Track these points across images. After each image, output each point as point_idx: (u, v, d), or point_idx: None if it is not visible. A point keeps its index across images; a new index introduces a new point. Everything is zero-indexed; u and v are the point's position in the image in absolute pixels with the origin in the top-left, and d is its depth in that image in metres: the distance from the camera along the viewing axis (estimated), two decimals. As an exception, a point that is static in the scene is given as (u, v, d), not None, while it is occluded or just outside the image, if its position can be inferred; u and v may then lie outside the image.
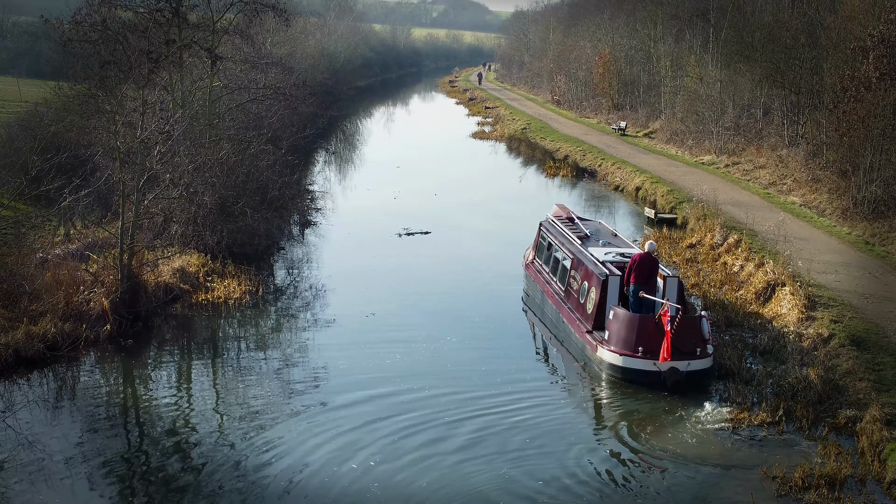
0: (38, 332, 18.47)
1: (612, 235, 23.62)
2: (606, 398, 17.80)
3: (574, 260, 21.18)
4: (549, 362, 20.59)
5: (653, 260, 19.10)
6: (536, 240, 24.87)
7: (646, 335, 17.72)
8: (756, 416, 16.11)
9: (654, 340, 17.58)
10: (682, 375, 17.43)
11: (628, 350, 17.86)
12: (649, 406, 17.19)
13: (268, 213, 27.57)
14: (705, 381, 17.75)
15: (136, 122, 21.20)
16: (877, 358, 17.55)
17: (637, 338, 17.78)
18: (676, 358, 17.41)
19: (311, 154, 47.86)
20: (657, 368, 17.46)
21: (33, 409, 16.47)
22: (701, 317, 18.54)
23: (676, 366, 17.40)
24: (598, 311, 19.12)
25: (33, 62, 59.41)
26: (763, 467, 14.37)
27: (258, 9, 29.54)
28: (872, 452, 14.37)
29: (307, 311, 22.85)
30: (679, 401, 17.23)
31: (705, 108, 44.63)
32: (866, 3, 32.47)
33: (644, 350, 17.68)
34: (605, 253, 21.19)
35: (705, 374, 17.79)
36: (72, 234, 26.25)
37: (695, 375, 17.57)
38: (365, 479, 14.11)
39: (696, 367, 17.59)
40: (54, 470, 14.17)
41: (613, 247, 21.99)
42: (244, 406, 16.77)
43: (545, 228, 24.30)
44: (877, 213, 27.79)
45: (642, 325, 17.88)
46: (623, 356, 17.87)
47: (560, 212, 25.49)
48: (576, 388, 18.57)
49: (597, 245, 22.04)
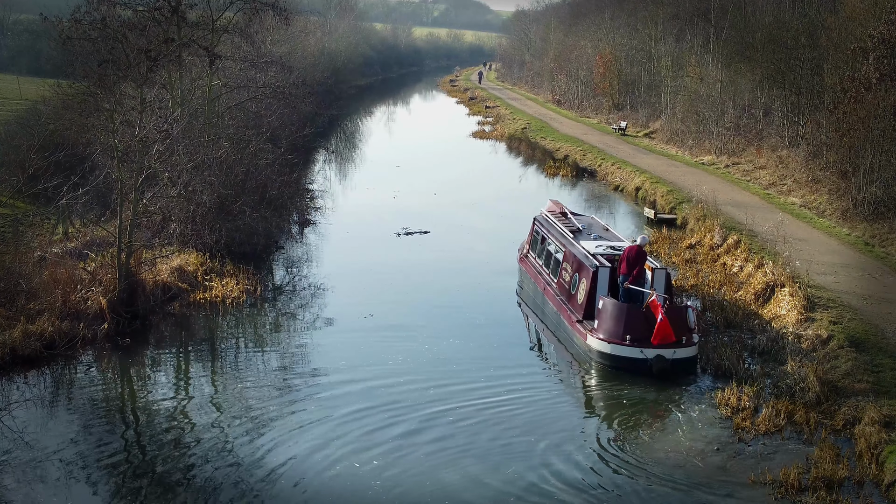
0: (36, 330, 18.43)
1: (604, 230, 24.25)
2: (596, 386, 18.43)
3: (566, 253, 21.79)
4: (541, 351, 21.14)
5: (643, 252, 19.81)
6: (530, 234, 25.41)
7: (633, 324, 18.45)
8: (753, 417, 16.05)
9: (641, 329, 18.33)
10: (667, 363, 18.03)
11: (616, 338, 18.51)
12: (643, 401, 17.35)
13: (267, 212, 27.54)
14: (690, 368, 18.42)
15: (134, 121, 21.15)
16: (876, 360, 17.51)
17: (625, 326, 18.48)
18: (662, 346, 18.07)
19: (311, 153, 47.79)
20: (644, 356, 18.11)
21: (30, 407, 16.44)
22: (686, 307, 19.36)
23: (663, 353, 18.02)
24: (588, 301, 19.77)
25: (33, 60, 59.26)
26: (760, 469, 14.32)
27: (258, 7, 29.49)
28: (870, 455, 14.32)
29: (305, 310, 22.81)
30: (675, 402, 17.23)
31: (706, 109, 44.56)
32: (867, 4, 32.42)
33: (632, 338, 18.32)
34: (595, 246, 21.75)
35: (690, 361, 18.47)
36: (70, 232, 26.21)
37: (680, 363, 18.24)
38: (365, 475, 14.12)
39: (681, 355, 18.26)
40: (51, 469, 14.14)
41: (604, 240, 22.58)
42: (241, 405, 16.74)
43: (539, 223, 24.88)
44: (877, 214, 27.73)
45: (630, 314, 18.62)
46: (611, 344, 18.52)
47: (554, 207, 26.17)
48: (566, 375, 19.19)
49: (588, 238, 22.65)
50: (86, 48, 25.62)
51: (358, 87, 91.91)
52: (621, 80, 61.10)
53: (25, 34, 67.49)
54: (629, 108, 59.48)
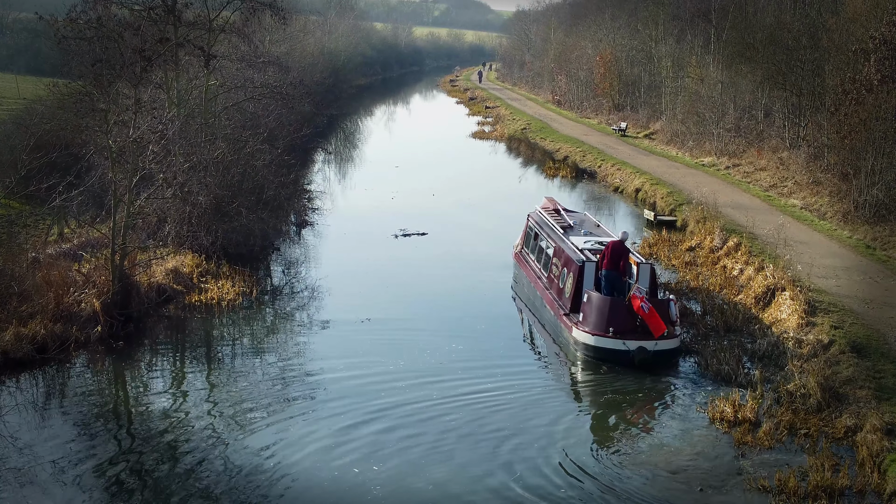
0: (28, 333, 18.20)
1: (595, 226, 24.89)
2: (581, 379, 18.85)
3: (556, 248, 22.37)
4: (533, 344, 21.60)
5: (624, 247, 20.33)
6: (524, 230, 25.99)
7: (616, 317, 18.94)
8: (753, 424, 15.81)
9: (624, 322, 18.87)
10: (649, 354, 18.50)
11: (600, 331, 18.97)
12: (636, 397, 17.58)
13: (263, 213, 27.31)
14: (672, 360, 18.87)
15: (128, 121, 20.94)
16: (877, 365, 17.26)
17: (608, 319, 18.94)
18: (644, 337, 18.59)
19: (310, 153, 47.59)
20: (626, 348, 18.58)
21: (21, 412, 16.22)
22: (669, 300, 19.93)
23: (644, 345, 18.50)
24: (574, 294, 20.34)
25: (32, 59, 59.07)
26: (758, 477, 14.07)
27: (255, 7, 29.26)
28: (872, 463, 14.07)
29: (301, 312, 22.62)
30: (674, 408, 17.02)
31: (706, 110, 44.34)
32: (868, 5, 32.22)
33: (615, 330, 18.79)
34: (584, 241, 22.39)
35: (672, 353, 18.93)
36: (66, 233, 26.02)
37: (662, 354, 18.68)
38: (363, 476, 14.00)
39: (663, 347, 18.70)
40: (42, 474, 13.92)
41: (594, 236, 23.20)
42: (236, 409, 16.54)
43: (533, 219, 25.43)
44: (878, 216, 27.52)
45: (613, 307, 19.09)
46: (595, 336, 18.97)
47: (548, 204, 26.80)
48: (554, 367, 19.79)
49: (578, 234, 23.33)
50: (82, 48, 25.40)
51: (358, 86, 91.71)
52: (622, 81, 60.91)
53: (24, 33, 67.24)
54: (629, 108, 59.28)
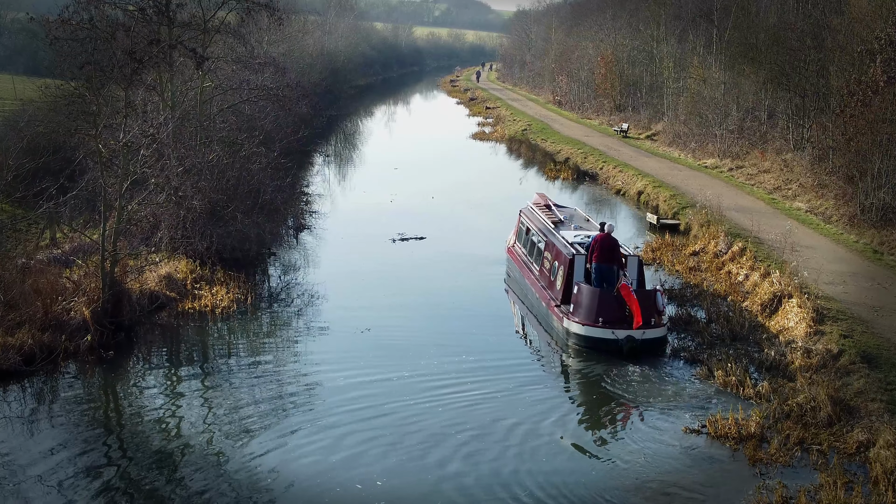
0: (15, 343, 17.70)
1: (585, 220, 25.75)
2: (573, 368, 19.31)
3: (547, 242, 23.13)
4: (525, 335, 22.33)
5: (612, 240, 20.98)
6: (517, 225, 26.79)
7: (606, 307, 19.71)
8: (760, 440, 15.30)
9: (613, 312, 19.64)
10: (637, 343, 19.17)
11: (590, 321, 19.73)
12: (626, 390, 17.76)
13: (259, 217, 26.78)
14: (659, 348, 19.52)
15: (118, 124, 20.43)
16: (889, 377, 16.73)
17: (598, 310, 19.71)
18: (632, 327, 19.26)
19: (308, 155, 47.12)
20: (615, 337, 19.29)
21: (9, 424, 15.73)
22: (656, 290, 20.52)
23: (632, 334, 19.19)
24: (565, 286, 21.09)
25: (30, 60, 58.58)
26: (765, 493, 13.55)
27: (251, 8, 28.75)
28: (886, 481, 13.50)
29: (297, 318, 22.16)
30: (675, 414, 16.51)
31: (709, 111, 43.86)
32: (873, 5, 31.74)
33: (604, 320, 19.57)
34: (574, 235, 23.13)
35: (659, 342, 19.65)
36: (59, 237, 25.53)
37: (649, 343, 19.38)
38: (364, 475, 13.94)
39: (650, 336, 19.45)
40: (31, 489, 13.43)
41: (583, 230, 23.94)
42: (231, 419, 16.08)
43: (525, 215, 26.22)
44: (885, 220, 27.04)
45: (603, 298, 19.85)
46: (585, 326, 19.75)
47: (539, 199, 27.67)
48: (546, 357, 20.39)
49: (569, 229, 24.09)
50: (74, 49, 24.91)
51: (358, 87, 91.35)
52: (623, 82, 60.45)
53: (22, 33, 66.78)
54: (631, 109, 58.80)
